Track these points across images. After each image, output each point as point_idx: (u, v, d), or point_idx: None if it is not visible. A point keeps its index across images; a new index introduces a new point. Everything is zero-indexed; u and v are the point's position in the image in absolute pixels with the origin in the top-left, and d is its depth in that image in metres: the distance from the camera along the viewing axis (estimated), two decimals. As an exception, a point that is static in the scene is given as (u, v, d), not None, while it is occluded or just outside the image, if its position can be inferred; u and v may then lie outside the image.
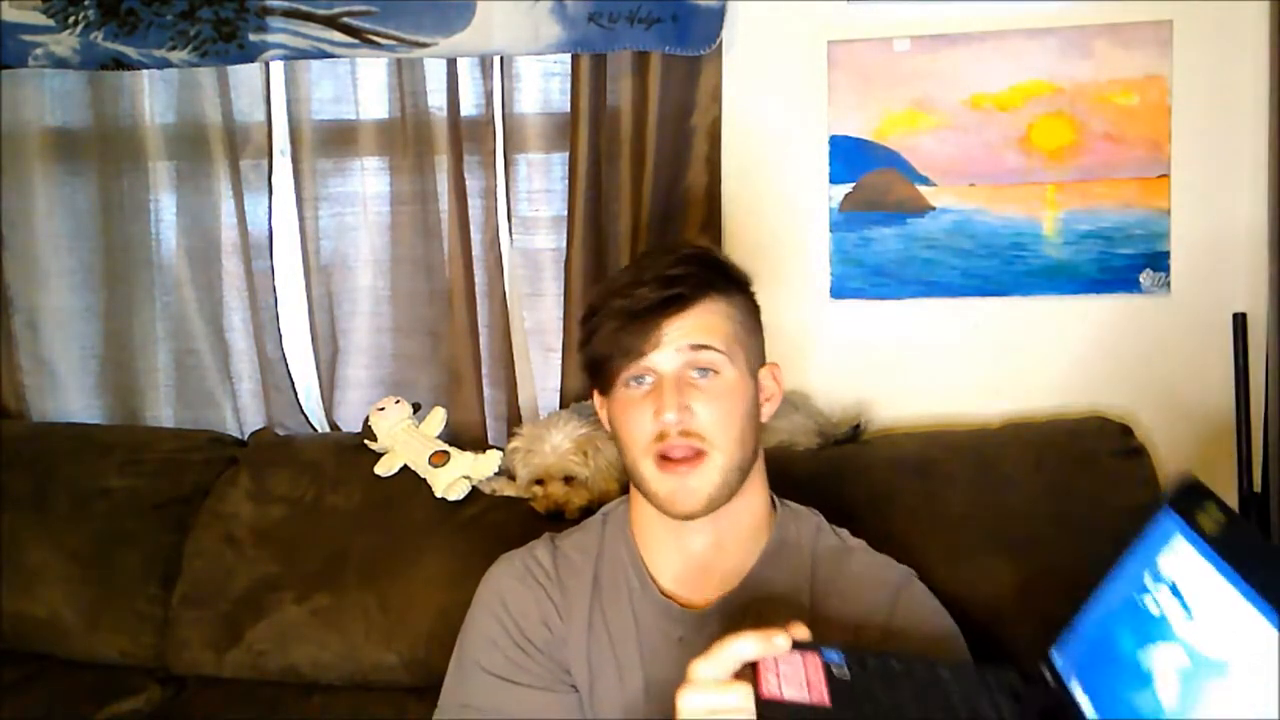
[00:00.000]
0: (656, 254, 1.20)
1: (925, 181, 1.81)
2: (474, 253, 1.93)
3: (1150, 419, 1.77)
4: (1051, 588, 1.52)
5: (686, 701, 0.82)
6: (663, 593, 1.16)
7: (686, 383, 1.09)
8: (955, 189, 1.81)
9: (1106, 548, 1.60)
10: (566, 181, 1.87)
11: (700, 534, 1.14)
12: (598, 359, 1.13)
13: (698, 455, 1.08)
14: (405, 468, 1.74)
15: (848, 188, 1.84)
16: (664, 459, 1.08)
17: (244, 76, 1.98)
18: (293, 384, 2.06)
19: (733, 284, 1.16)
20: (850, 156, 1.83)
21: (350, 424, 2.02)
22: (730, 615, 1.15)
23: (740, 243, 1.89)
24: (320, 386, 2.05)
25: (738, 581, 1.16)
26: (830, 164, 1.84)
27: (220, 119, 1.99)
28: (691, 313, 1.10)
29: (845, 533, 1.24)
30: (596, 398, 1.21)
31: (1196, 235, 1.77)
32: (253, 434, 1.96)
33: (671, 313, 1.09)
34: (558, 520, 1.64)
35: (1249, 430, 1.74)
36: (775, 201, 1.88)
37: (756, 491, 1.17)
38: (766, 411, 1.18)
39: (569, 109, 1.84)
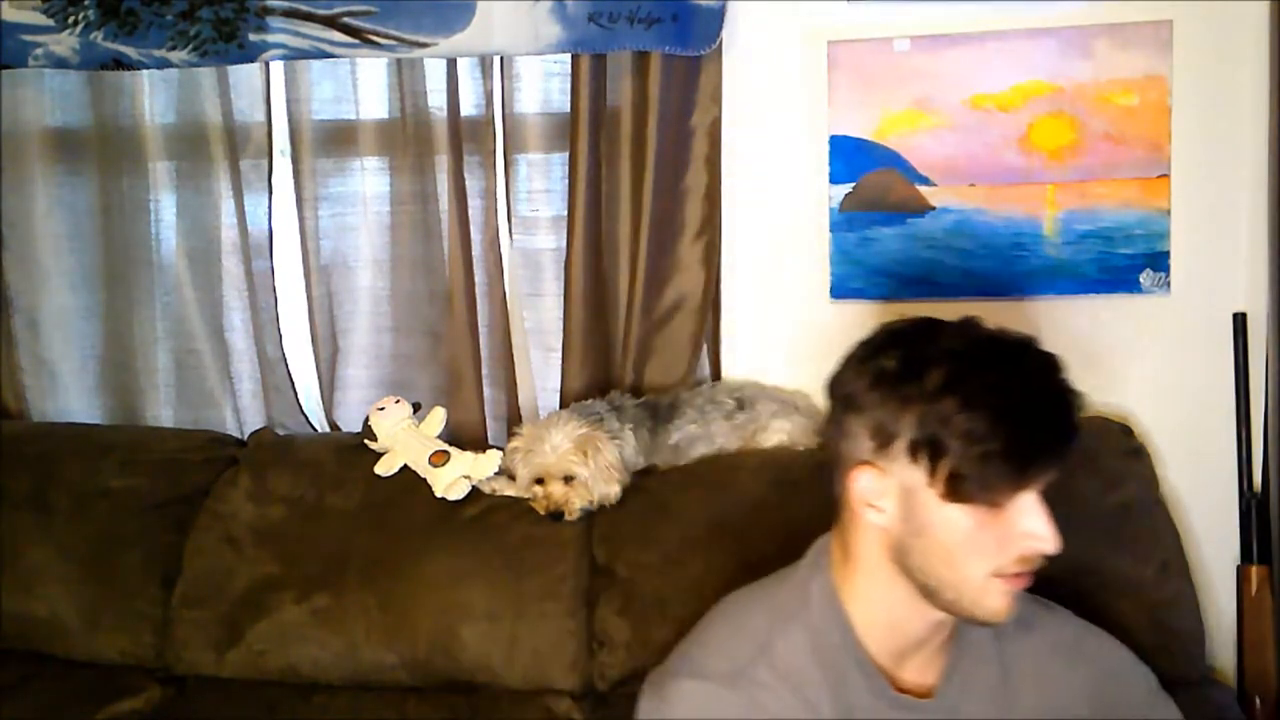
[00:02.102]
0: (1046, 364, 1.02)
1: (925, 181, 1.81)
2: (474, 253, 1.93)
3: (1150, 419, 1.77)
4: (1051, 587, 1.53)
5: None
6: (894, 685, 1.09)
7: (1045, 507, 1.03)
8: (955, 189, 1.81)
9: (1106, 548, 1.61)
10: (566, 181, 1.87)
11: (930, 619, 1.08)
12: (977, 477, 0.99)
13: (1033, 571, 1.05)
14: (405, 468, 1.74)
15: (848, 188, 1.84)
16: (1007, 579, 1.03)
17: (244, 76, 1.98)
18: (293, 384, 2.06)
19: None
20: (850, 156, 1.83)
21: (350, 424, 2.02)
22: (969, 699, 1.11)
23: (740, 243, 1.90)
24: (320, 386, 2.05)
25: (942, 656, 1.11)
26: (830, 164, 1.84)
27: (220, 119, 1.99)
28: None
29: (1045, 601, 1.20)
30: (871, 476, 1.03)
31: (1196, 235, 1.77)
32: (253, 434, 1.95)
33: (1074, 446, 1.02)
34: (558, 520, 1.64)
35: (1249, 430, 1.74)
36: (775, 201, 1.88)
37: None
38: None
39: (569, 109, 1.84)
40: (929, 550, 1.02)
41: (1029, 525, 1.00)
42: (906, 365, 1.01)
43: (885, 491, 1.04)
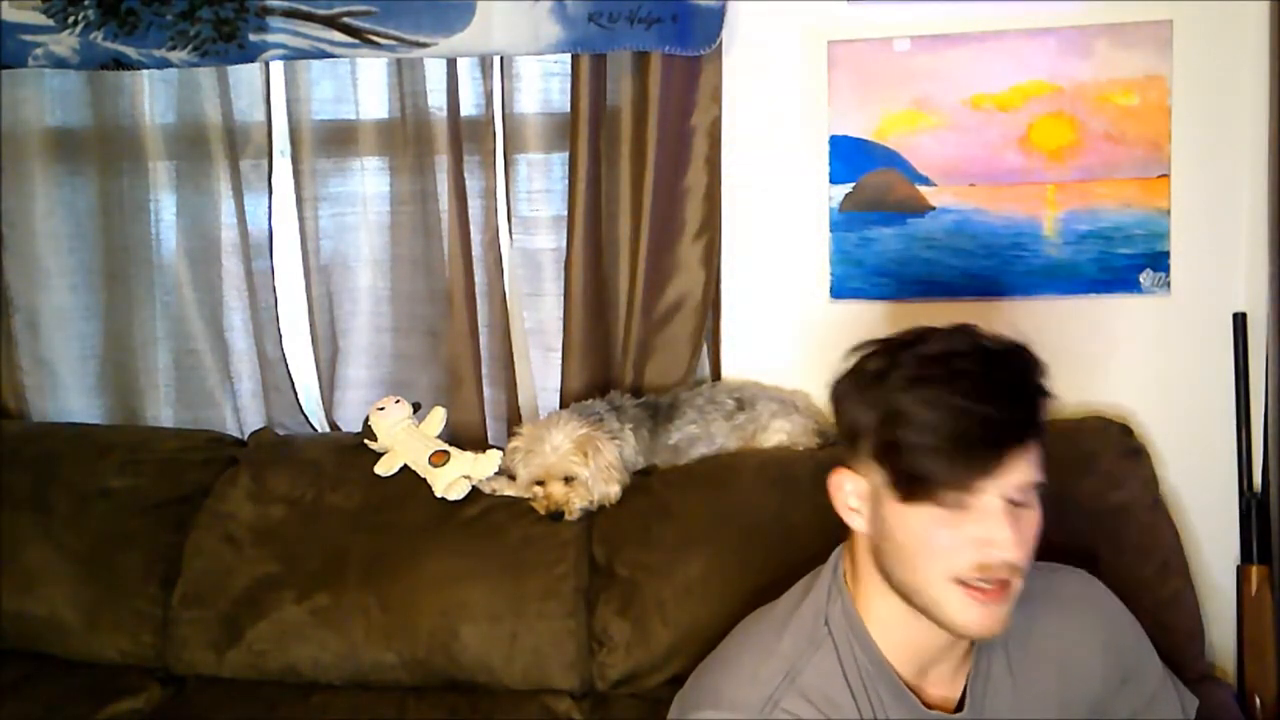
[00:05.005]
0: (995, 354, 1.02)
1: (925, 181, 1.81)
2: (474, 253, 1.93)
3: (1150, 419, 1.77)
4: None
5: None
6: (922, 701, 1.08)
7: (1013, 514, 0.99)
8: (955, 189, 1.81)
9: (1106, 548, 1.61)
10: (566, 181, 1.87)
11: (944, 632, 1.05)
12: (920, 474, 0.99)
13: (1005, 585, 1.01)
14: (405, 468, 1.74)
15: (848, 188, 1.84)
16: (970, 588, 1.00)
17: (244, 76, 1.98)
18: (293, 384, 2.06)
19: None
20: (850, 156, 1.83)
21: (350, 424, 2.02)
22: (997, 705, 1.10)
23: (740, 243, 1.90)
24: (320, 386, 2.05)
25: (965, 665, 1.11)
26: (830, 164, 1.84)
27: (220, 119, 1.99)
28: (1035, 444, 1.01)
29: None
30: (845, 478, 1.07)
31: (1196, 235, 1.77)
32: (253, 434, 1.95)
33: (1028, 439, 1.00)
34: (558, 520, 1.64)
35: (1249, 430, 1.74)
36: (775, 201, 1.88)
37: None
38: None
39: (569, 109, 1.84)
40: (894, 553, 1.03)
41: (985, 530, 0.98)
42: (880, 367, 1.03)
43: (860, 494, 1.05)
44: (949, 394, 0.98)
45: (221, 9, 1.83)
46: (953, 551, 0.99)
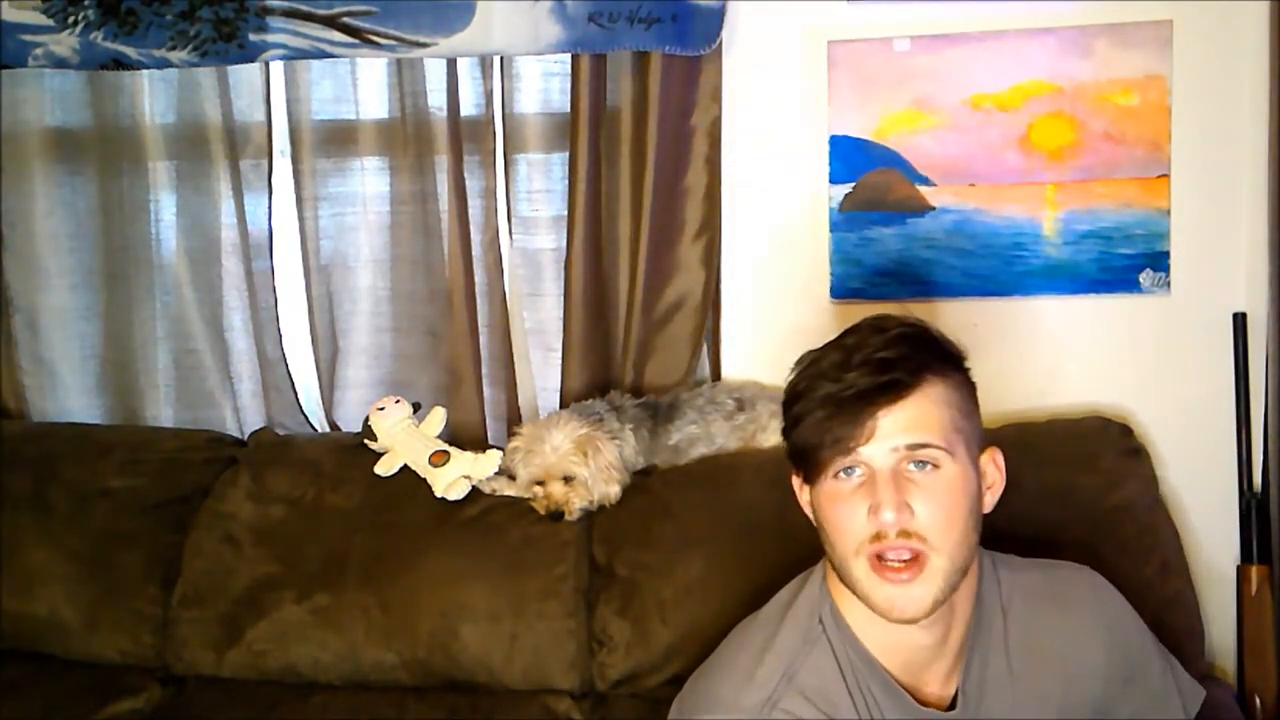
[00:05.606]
0: (866, 331, 1.06)
1: (925, 181, 1.81)
2: (474, 253, 1.93)
3: (1150, 419, 1.77)
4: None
5: None
6: (916, 700, 1.07)
7: (904, 477, 1.00)
8: (955, 189, 1.81)
9: (1106, 548, 1.61)
10: (566, 181, 1.87)
11: (925, 631, 1.05)
12: (804, 448, 1.04)
13: (917, 558, 1.00)
14: (405, 468, 1.75)
15: (848, 188, 1.84)
16: (880, 561, 1.00)
17: (244, 76, 1.98)
18: (293, 384, 2.06)
19: (949, 363, 1.06)
20: (850, 156, 1.83)
21: (350, 424, 2.02)
22: (994, 702, 1.10)
23: (740, 243, 1.90)
24: (320, 386, 2.05)
25: (959, 665, 1.10)
26: (830, 164, 1.84)
27: (220, 119, 1.99)
28: (908, 402, 1.00)
29: (1004, 559, 1.17)
30: (796, 482, 1.11)
31: (1196, 235, 1.77)
32: (253, 434, 1.95)
33: (886, 401, 1.00)
34: (558, 520, 1.64)
35: (1249, 430, 1.74)
36: (775, 201, 1.88)
37: (973, 572, 1.08)
38: (989, 502, 1.09)
39: (569, 109, 1.84)
40: (825, 542, 1.06)
41: (870, 494, 1.00)
42: (797, 361, 1.09)
43: (802, 491, 1.10)
44: (823, 367, 1.04)
45: (221, 9, 1.83)
46: (852, 523, 1.01)
